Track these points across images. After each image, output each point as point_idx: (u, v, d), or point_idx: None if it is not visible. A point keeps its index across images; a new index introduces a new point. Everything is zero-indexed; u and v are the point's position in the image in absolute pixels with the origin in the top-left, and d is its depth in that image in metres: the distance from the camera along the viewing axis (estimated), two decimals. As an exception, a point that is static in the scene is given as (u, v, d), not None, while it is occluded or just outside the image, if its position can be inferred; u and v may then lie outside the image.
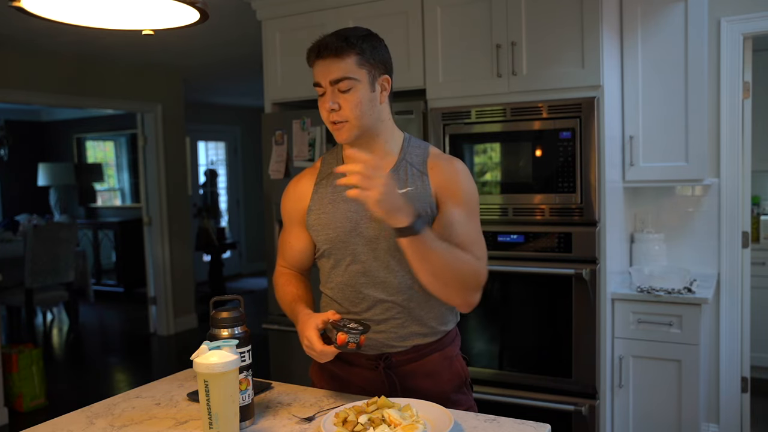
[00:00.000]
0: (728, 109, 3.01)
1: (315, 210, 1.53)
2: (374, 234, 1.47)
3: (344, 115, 1.43)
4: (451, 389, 1.56)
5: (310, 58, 1.46)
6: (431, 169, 1.49)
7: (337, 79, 1.41)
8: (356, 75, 1.42)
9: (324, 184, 1.55)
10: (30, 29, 3.93)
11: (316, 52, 1.44)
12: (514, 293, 2.80)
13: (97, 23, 1.34)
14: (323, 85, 1.44)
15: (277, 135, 3.15)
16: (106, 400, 1.53)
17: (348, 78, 1.41)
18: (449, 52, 2.86)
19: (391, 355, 1.51)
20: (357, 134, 1.45)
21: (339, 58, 1.41)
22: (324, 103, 1.44)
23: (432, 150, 1.54)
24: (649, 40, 2.85)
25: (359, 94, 1.42)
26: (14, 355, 3.93)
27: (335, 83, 1.42)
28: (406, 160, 1.50)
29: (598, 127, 2.57)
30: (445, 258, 1.37)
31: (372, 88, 1.45)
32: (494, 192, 2.79)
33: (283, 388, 1.60)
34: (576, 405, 2.64)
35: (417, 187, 1.47)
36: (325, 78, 1.43)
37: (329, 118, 1.45)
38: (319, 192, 1.54)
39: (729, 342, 3.09)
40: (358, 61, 1.42)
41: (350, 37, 1.42)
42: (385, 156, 1.50)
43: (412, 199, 1.44)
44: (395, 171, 1.49)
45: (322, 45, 1.42)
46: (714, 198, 3.09)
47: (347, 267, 1.50)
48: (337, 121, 1.44)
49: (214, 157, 8.86)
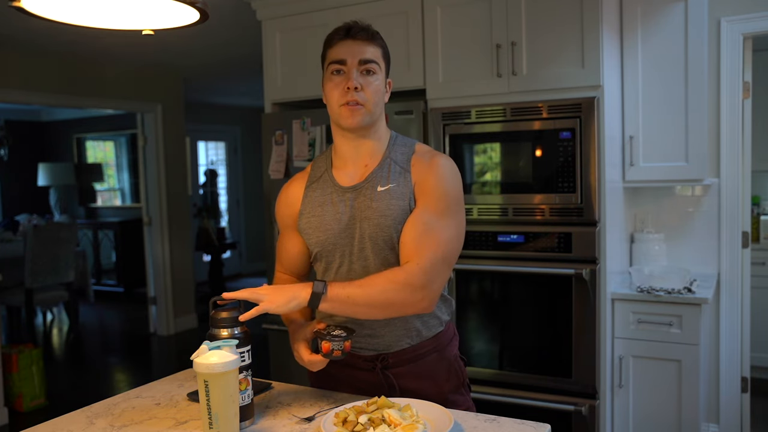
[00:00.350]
0: (728, 109, 3.01)
1: (306, 213, 1.53)
2: (360, 235, 1.46)
3: (364, 97, 1.43)
4: (449, 390, 1.56)
5: (334, 38, 1.47)
6: (413, 167, 1.48)
7: (368, 59, 1.44)
8: (380, 64, 1.47)
9: (314, 188, 1.54)
10: (30, 29, 3.93)
11: (346, 32, 1.46)
12: (514, 293, 2.80)
13: (97, 23, 1.34)
14: (349, 63, 1.43)
15: (277, 135, 3.15)
16: (106, 400, 1.53)
17: (376, 62, 1.45)
18: (449, 52, 2.86)
19: (388, 356, 1.51)
20: (368, 121, 1.46)
21: (371, 42, 1.46)
22: (344, 81, 1.43)
23: (418, 147, 1.53)
24: (649, 40, 2.85)
25: (379, 82, 1.46)
26: (14, 355, 3.93)
27: (364, 63, 1.44)
28: (390, 157, 1.50)
29: (598, 127, 2.57)
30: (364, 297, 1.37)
31: (384, 83, 1.49)
32: (494, 192, 2.79)
33: (283, 388, 1.60)
34: (576, 405, 2.64)
35: (399, 184, 1.46)
36: (354, 57, 1.43)
37: (347, 98, 1.43)
38: (309, 195, 1.54)
39: (729, 342, 3.09)
40: (382, 53, 1.49)
41: (376, 32, 1.49)
42: (373, 154, 1.51)
43: (393, 195, 1.44)
44: (378, 169, 1.49)
45: (355, 27, 1.46)
46: (714, 198, 3.09)
47: (338, 269, 1.51)
48: (355, 102, 1.43)
49: (214, 157, 8.86)
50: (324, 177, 1.54)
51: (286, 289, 1.35)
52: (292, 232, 1.59)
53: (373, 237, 1.45)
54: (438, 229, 1.41)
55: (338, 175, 1.52)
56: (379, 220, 1.44)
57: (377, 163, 1.50)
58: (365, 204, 1.46)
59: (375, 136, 1.50)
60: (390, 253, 1.45)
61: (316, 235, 1.51)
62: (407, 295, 1.38)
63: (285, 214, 1.60)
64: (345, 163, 1.52)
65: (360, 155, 1.50)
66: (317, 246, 1.52)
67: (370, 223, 1.45)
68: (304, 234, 1.54)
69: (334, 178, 1.52)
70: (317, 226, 1.50)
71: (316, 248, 1.52)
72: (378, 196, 1.45)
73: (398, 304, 1.39)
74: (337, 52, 1.45)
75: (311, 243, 1.53)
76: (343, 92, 1.43)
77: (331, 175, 1.53)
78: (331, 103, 1.47)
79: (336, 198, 1.50)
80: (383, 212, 1.44)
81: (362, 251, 1.47)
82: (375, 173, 1.48)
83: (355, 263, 1.48)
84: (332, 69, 1.45)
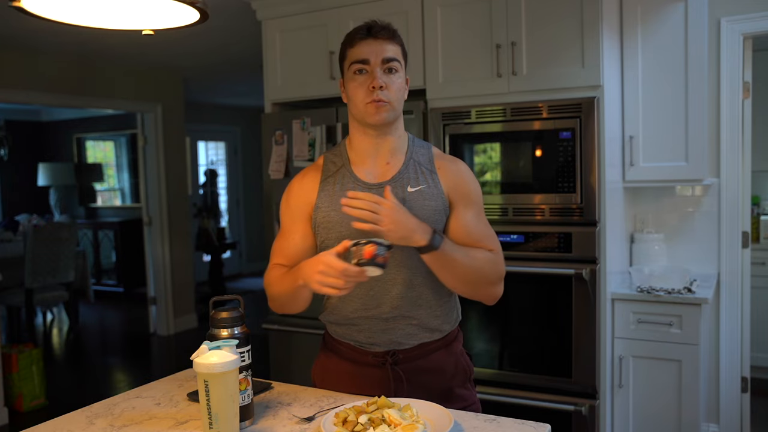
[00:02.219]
0: (728, 109, 3.01)
1: (324, 208, 1.51)
2: None
3: (389, 96, 1.45)
4: (456, 384, 1.58)
5: (355, 37, 1.48)
6: (439, 169, 1.53)
7: (391, 58, 1.46)
8: (401, 61, 1.50)
9: (331, 182, 1.53)
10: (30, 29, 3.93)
11: (367, 31, 1.47)
12: (514, 293, 2.79)
13: (97, 23, 1.34)
14: (372, 62, 1.45)
15: (277, 135, 3.15)
16: (106, 400, 1.53)
17: (397, 60, 1.47)
18: (449, 52, 2.86)
19: (399, 352, 1.52)
20: (392, 117, 1.48)
21: (392, 41, 1.48)
22: (368, 80, 1.45)
23: (435, 150, 1.58)
24: (649, 39, 2.85)
25: (401, 80, 1.49)
26: (14, 355, 3.93)
27: (387, 62, 1.45)
28: (413, 159, 1.53)
29: (598, 127, 2.57)
30: (465, 263, 1.43)
31: (405, 81, 1.51)
32: (494, 192, 2.79)
33: (283, 388, 1.60)
34: (576, 405, 2.64)
35: (429, 186, 1.49)
36: (377, 56, 1.45)
37: (372, 96, 1.44)
38: (326, 189, 1.52)
39: (729, 342, 3.09)
40: (402, 51, 1.51)
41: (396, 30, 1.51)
42: (394, 152, 1.52)
43: (425, 196, 1.48)
44: (404, 169, 1.51)
45: (376, 26, 1.48)
46: (714, 198, 3.08)
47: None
48: (381, 100, 1.44)
49: (214, 157, 8.86)
50: (342, 172, 1.53)
51: (405, 228, 1.34)
52: (303, 225, 1.54)
53: None
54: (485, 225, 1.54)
55: (357, 171, 1.52)
56: None
57: (401, 163, 1.52)
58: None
59: (395, 133, 1.52)
60: (416, 252, 1.45)
61: (338, 230, 1.48)
62: (496, 276, 1.51)
63: (298, 206, 1.55)
64: (363, 160, 1.53)
65: (380, 152, 1.52)
66: (338, 240, 1.47)
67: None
68: (322, 228, 1.51)
69: (355, 174, 1.52)
70: (339, 221, 1.48)
71: (336, 243, 1.47)
72: (410, 196, 1.48)
73: (486, 280, 1.49)
74: (359, 52, 1.46)
75: (330, 238, 1.50)
76: (368, 91, 1.44)
77: (351, 170, 1.53)
78: (355, 101, 1.47)
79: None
80: (416, 212, 1.45)
81: None
82: (402, 173, 1.50)
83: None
84: (355, 69, 1.46)
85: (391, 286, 1.49)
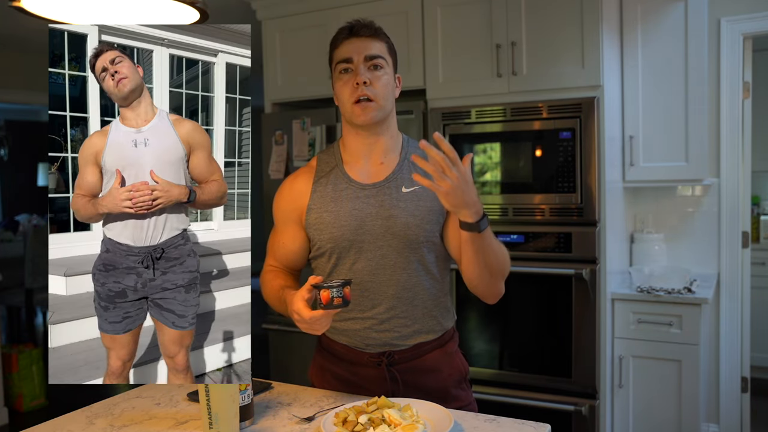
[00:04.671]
0: (728, 109, 3.01)
1: (316, 209, 1.52)
2: (380, 232, 1.47)
3: (374, 92, 1.44)
4: (452, 384, 1.58)
5: (339, 38, 1.49)
6: None
7: (374, 55, 1.46)
8: (387, 59, 1.48)
9: (323, 183, 1.53)
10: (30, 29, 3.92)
11: (350, 31, 1.48)
12: (514, 293, 2.79)
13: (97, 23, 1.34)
14: (355, 60, 1.45)
15: (277, 135, 3.15)
16: (106, 400, 1.53)
17: (382, 57, 1.47)
18: (449, 52, 2.86)
19: (394, 353, 1.52)
20: (380, 116, 1.47)
21: (375, 38, 1.48)
22: (353, 78, 1.45)
23: None
24: (649, 39, 2.85)
25: (387, 77, 1.48)
26: (14, 355, 3.93)
27: (370, 59, 1.45)
28: (408, 159, 1.52)
29: (598, 127, 2.57)
30: (496, 251, 1.43)
31: (393, 78, 1.51)
32: (494, 192, 2.79)
33: (283, 388, 1.60)
34: (576, 405, 2.64)
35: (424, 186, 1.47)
36: (359, 53, 1.45)
37: (356, 94, 1.44)
38: (319, 191, 1.53)
39: (729, 342, 3.09)
40: (388, 49, 1.50)
41: (379, 27, 1.50)
42: (387, 152, 1.52)
43: (420, 197, 1.48)
44: (398, 170, 1.51)
45: (358, 25, 1.48)
46: (714, 198, 3.08)
47: (352, 266, 1.50)
48: (366, 97, 1.44)
49: (214, 157, 8.85)
50: (335, 172, 1.53)
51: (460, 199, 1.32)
52: (294, 227, 1.56)
53: (399, 235, 1.46)
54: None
55: (350, 171, 1.52)
56: (408, 220, 1.46)
57: (395, 163, 1.51)
58: (390, 203, 1.47)
59: (387, 133, 1.52)
60: (410, 252, 1.46)
61: (330, 231, 1.49)
62: (507, 270, 1.50)
63: (288, 209, 1.56)
64: (356, 160, 1.53)
65: (373, 152, 1.52)
66: (330, 242, 1.49)
67: (397, 222, 1.46)
68: (314, 229, 1.52)
69: (348, 174, 1.52)
70: (331, 221, 1.49)
71: (329, 244, 1.50)
72: (404, 196, 1.48)
73: (502, 273, 1.48)
74: (342, 52, 1.47)
75: (323, 239, 1.50)
76: (352, 89, 1.44)
77: (344, 170, 1.53)
78: (342, 101, 1.48)
79: (351, 194, 1.49)
80: (412, 212, 1.46)
81: (381, 248, 1.47)
82: (396, 174, 1.50)
83: (372, 260, 1.48)
84: (340, 68, 1.47)
85: (387, 287, 1.49)
